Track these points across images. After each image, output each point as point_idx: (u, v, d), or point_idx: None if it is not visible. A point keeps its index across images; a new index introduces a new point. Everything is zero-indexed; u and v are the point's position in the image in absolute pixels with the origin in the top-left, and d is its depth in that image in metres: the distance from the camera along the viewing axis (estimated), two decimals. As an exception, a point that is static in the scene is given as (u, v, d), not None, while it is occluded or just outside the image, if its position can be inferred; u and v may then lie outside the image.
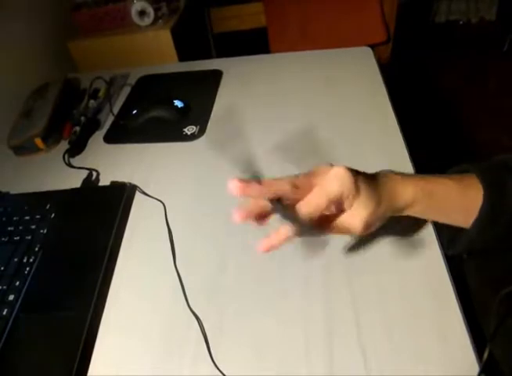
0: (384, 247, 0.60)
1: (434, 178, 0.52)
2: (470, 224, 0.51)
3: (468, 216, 0.51)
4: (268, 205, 0.48)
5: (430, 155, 0.55)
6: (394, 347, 0.50)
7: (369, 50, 1.07)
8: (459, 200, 0.52)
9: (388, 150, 0.76)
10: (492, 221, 0.50)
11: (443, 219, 0.56)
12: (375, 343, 0.50)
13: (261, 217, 0.49)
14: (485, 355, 0.47)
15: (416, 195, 0.50)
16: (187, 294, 0.59)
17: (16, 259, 0.65)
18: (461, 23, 3.14)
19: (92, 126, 0.97)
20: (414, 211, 0.52)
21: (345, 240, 0.62)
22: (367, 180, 0.48)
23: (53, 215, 0.72)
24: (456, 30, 3.11)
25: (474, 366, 0.47)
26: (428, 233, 0.61)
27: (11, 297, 0.60)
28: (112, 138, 0.94)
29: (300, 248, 0.61)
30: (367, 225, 0.48)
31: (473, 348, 0.48)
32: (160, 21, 1.52)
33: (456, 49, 2.89)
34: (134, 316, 0.58)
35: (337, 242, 0.62)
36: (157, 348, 0.54)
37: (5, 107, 1.05)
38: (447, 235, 0.58)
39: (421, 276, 0.56)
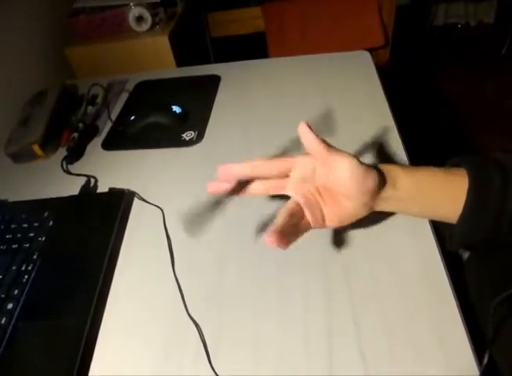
0: (384, 249, 0.60)
1: (422, 167, 0.54)
2: (459, 215, 0.51)
3: (455, 209, 0.51)
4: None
5: (429, 158, 0.55)
6: (393, 349, 0.49)
7: (367, 54, 1.07)
8: (446, 191, 0.52)
9: (387, 153, 0.76)
10: (477, 214, 0.50)
11: (430, 212, 0.56)
12: (374, 345, 0.50)
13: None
14: (485, 359, 0.47)
15: (403, 179, 0.52)
16: (186, 300, 0.59)
17: (14, 267, 0.65)
18: (459, 26, 3.15)
19: (90, 132, 0.97)
20: (400, 198, 0.52)
21: (345, 239, 0.62)
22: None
23: (51, 222, 0.71)
24: (455, 33, 3.12)
25: (474, 370, 0.47)
26: (428, 236, 0.61)
27: (9, 305, 0.60)
28: (110, 144, 0.94)
29: (299, 254, 0.61)
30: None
31: (472, 351, 0.48)
32: (158, 27, 1.52)
33: (455, 52, 2.90)
34: (133, 323, 0.58)
35: (336, 243, 0.62)
36: (156, 355, 0.54)
37: (3, 114, 1.05)
38: (448, 232, 0.58)
39: (421, 278, 0.56)
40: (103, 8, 1.52)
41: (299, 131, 0.52)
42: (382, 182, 0.51)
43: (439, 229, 0.61)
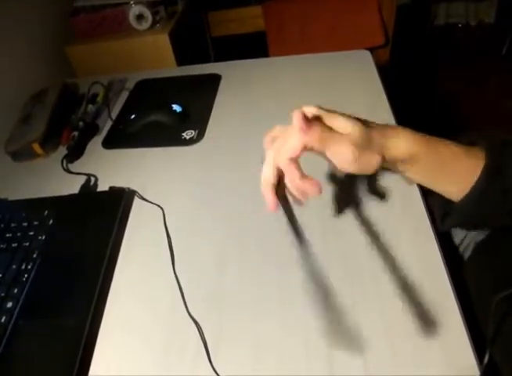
0: (384, 250, 0.60)
1: (438, 139, 0.52)
2: (465, 195, 0.51)
3: (463, 185, 0.51)
4: None
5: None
6: (393, 350, 0.50)
7: (367, 53, 1.07)
8: (460, 165, 0.51)
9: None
10: (483, 199, 0.50)
11: (439, 184, 0.55)
12: (374, 345, 0.50)
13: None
14: (485, 359, 0.47)
15: (416, 147, 0.50)
16: (186, 299, 0.59)
17: (14, 266, 0.65)
18: (460, 25, 3.14)
19: (91, 131, 0.97)
20: (412, 160, 0.51)
21: (345, 240, 0.62)
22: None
23: (51, 221, 0.71)
24: (455, 33, 3.11)
25: (474, 369, 0.47)
26: (428, 236, 0.61)
27: (9, 304, 0.60)
28: (110, 143, 0.94)
29: (298, 253, 0.61)
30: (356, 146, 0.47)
31: (473, 351, 0.48)
32: (158, 25, 1.52)
33: (455, 52, 2.89)
34: (133, 322, 0.58)
35: (337, 243, 0.62)
36: (157, 354, 0.54)
37: (3, 112, 1.05)
38: (440, 211, 0.57)
39: (421, 278, 0.56)
40: (104, 6, 1.52)
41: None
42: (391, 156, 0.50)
43: (431, 207, 0.61)
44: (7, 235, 0.70)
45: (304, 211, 0.66)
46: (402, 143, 0.50)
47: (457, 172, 0.52)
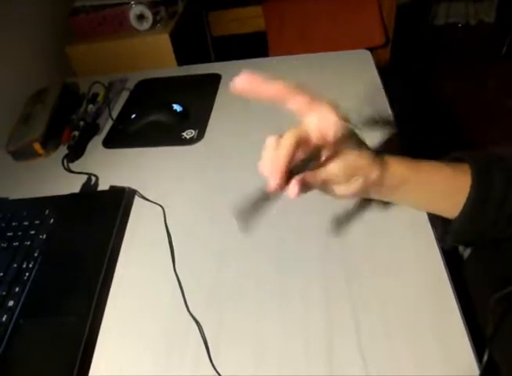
0: (384, 250, 0.60)
1: (426, 160, 0.54)
2: (458, 213, 0.52)
3: (456, 205, 0.52)
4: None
5: (429, 157, 0.56)
6: (393, 349, 0.50)
7: (367, 53, 1.07)
8: (449, 184, 0.53)
9: (387, 152, 0.76)
10: (478, 209, 0.51)
11: (432, 205, 0.56)
12: (374, 345, 0.50)
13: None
14: (485, 358, 0.47)
15: (408, 170, 0.52)
16: (187, 298, 0.59)
17: (15, 265, 0.65)
18: (460, 25, 3.14)
19: (91, 131, 0.97)
20: (405, 189, 0.52)
21: (345, 239, 0.62)
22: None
23: (52, 220, 0.72)
24: (455, 33, 3.11)
25: (474, 369, 0.47)
26: (428, 236, 0.61)
27: (11, 303, 0.60)
28: (111, 142, 0.94)
29: (299, 254, 0.62)
30: (349, 176, 0.49)
31: (472, 350, 0.48)
32: (159, 25, 1.52)
33: (455, 52, 2.89)
34: (134, 321, 0.58)
35: (337, 242, 0.62)
36: (157, 353, 0.54)
37: (4, 112, 1.05)
38: (441, 228, 0.58)
39: (421, 278, 0.56)
40: (104, 6, 1.52)
41: None
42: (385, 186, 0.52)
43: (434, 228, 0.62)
44: (8, 234, 0.70)
45: (304, 213, 0.66)
46: (396, 170, 0.52)
47: (447, 191, 0.53)
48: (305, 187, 0.45)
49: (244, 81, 0.46)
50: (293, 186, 0.43)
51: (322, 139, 0.46)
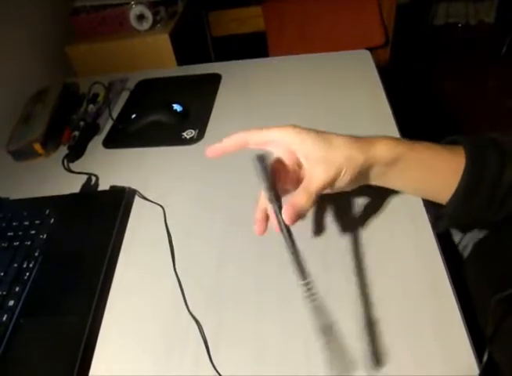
0: (384, 250, 0.60)
1: (421, 141, 0.54)
2: (452, 195, 0.52)
3: (450, 187, 0.52)
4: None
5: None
6: (393, 350, 0.50)
7: (367, 53, 1.07)
8: (444, 164, 0.52)
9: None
10: (469, 196, 0.51)
11: (427, 186, 0.56)
12: (374, 345, 0.50)
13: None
14: (485, 358, 0.47)
15: (400, 146, 0.52)
16: (187, 298, 0.59)
17: (15, 265, 0.65)
18: (460, 25, 3.14)
19: (91, 131, 0.97)
20: (399, 168, 0.52)
21: (345, 239, 0.62)
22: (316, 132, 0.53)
23: (53, 220, 0.72)
24: (455, 33, 3.11)
25: (474, 369, 0.47)
26: (428, 236, 0.61)
27: (11, 302, 0.60)
28: (111, 142, 0.94)
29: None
30: (328, 169, 0.50)
31: (472, 350, 0.48)
32: (159, 25, 1.52)
33: (455, 52, 2.90)
34: (134, 320, 0.58)
35: (337, 243, 0.62)
36: (157, 352, 0.54)
37: (4, 112, 1.05)
38: (434, 213, 0.58)
39: (421, 278, 0.56)
40: (104, 6, 1.52)
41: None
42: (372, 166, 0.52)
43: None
44: (8, 234, 0.70)
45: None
46: (386, 146, 0.52)
47: (441, 172, 0.53)
48: (297, 217, 0.51)
49: (212, 152, 0.56)
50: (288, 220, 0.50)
51: (293, 159, 0.53)
